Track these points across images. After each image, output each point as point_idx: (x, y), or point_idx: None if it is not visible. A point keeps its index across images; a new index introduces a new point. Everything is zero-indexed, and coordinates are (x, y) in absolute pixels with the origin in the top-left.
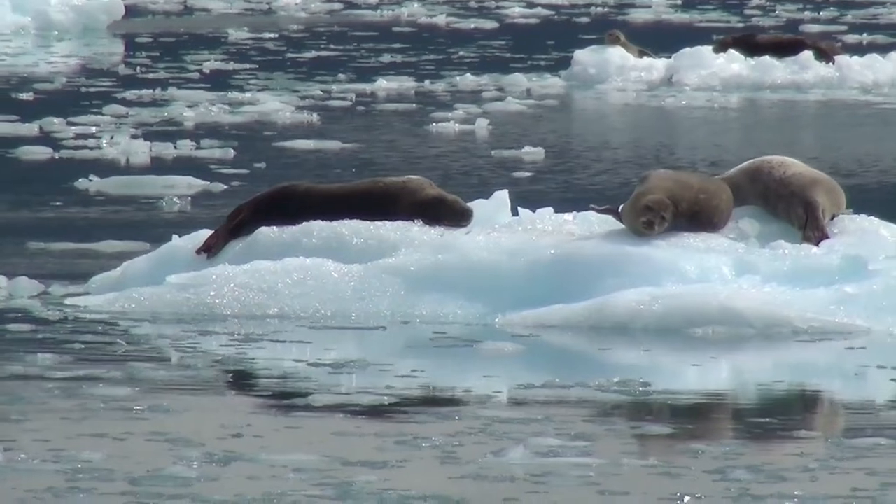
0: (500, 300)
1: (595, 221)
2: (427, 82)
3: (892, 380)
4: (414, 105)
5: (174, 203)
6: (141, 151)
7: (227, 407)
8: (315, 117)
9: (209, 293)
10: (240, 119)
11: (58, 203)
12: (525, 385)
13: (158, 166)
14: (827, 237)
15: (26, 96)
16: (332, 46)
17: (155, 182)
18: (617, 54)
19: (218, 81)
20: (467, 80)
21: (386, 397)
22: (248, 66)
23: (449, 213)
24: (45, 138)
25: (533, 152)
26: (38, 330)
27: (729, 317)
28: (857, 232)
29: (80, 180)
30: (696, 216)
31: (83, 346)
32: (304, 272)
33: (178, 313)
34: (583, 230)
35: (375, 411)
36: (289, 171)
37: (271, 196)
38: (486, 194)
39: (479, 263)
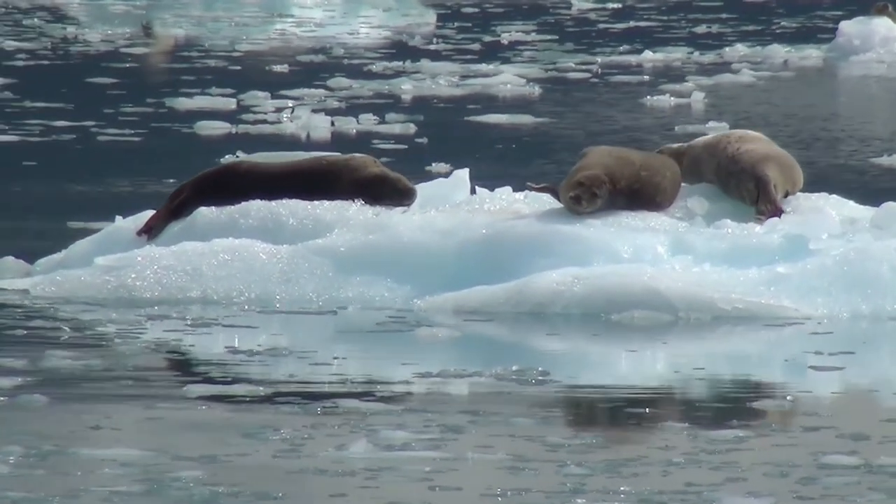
0: (429, 281)
1: (548, 201)
2: (696, 53)
3: (811, 367)
4: (649, 77)
5: None
6: (321, 126)
7: (102, 398)
8: (536, 90)
9: (130, 275)
10: (457, 92)
11: (172, 180)
12: (422, 374)
13: (337, 141)
14: (780, 211)
15: (280, 68)
16: (655, 16)
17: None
18: (883, 25)
19: (491, 53)
20: (735, 50)
21: (262, 387)
22: (546, 37)
23: (391, 192)
24: (237, 112)
25: (718, 128)
26: None
27: (651, 297)
28: (809, 211)
29: (226, 156)
30: (636, 194)
31: None
32: (231, 253)
33: (96, 297)
34: (532, 210)
35: (244, 402)
36: (451, 145)
37: (213, 175)
38: None
39: (410, 244)
